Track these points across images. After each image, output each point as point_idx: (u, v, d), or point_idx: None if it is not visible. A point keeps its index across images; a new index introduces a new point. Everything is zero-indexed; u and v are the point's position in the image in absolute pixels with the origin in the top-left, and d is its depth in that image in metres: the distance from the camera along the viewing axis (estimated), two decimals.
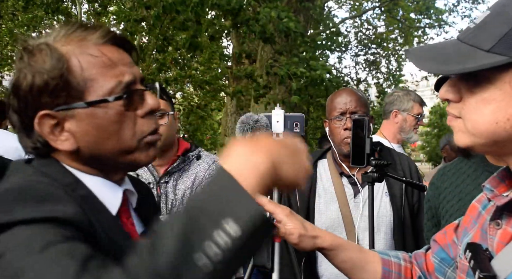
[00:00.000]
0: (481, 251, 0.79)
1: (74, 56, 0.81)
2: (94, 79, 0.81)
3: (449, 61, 0.73)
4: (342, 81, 14.58)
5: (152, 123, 0.88)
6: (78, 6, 12.41)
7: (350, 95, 1.99)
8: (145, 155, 0.87)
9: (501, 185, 0.84)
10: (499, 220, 0.79)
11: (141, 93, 0.87)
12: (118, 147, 0.84)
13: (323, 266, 1.97)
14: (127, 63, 0.86)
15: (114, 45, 0.86)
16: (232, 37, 9.33)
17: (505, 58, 0.68)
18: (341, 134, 1.95)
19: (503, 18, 0.70)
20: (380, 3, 13.96)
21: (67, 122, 0.82)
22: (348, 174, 2.01)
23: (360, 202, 1.95)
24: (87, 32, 0.84)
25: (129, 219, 0.90)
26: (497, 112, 0.71)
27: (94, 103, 0.81)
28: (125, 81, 0.83)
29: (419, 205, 1.99)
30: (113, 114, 0.82)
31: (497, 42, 0.69)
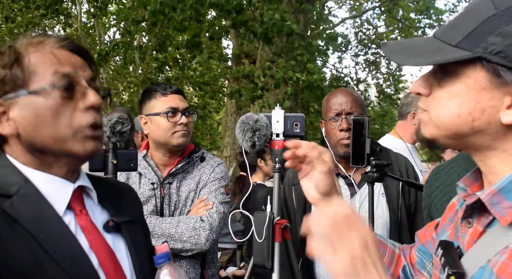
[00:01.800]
0: (452, 249, 0.81)
1: (27, 54, 0.92)
2: (39, 72, 0.91)
3: (419, 54, 0.78)
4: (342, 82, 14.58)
5: (91, 117, 0.94)
6: (78, 6, 12.41)
7: (345, 96, 1.98)
8: (81, 146, 0.93)
9: (474, 184, 0.85)
10: (470, 219, 0.81)
11: (84, 89, 0.95)
12: (53, 135, 0.91)
13: (321, 267, 1.97)
14: (76, 64, 0.96)
15: (70, 50, 0.96)
16: (232, 38, 9.34)
17: (469, 53, 0.72)
18: (337, 135, 1.94)
19: (471, 17, 0.75)
20: (380, 3, 13.97)
21: (11, 110, 0.91)
22: (344, 175, 2.00)
23: (357, 203, 1.95)
24: (46, 37, 0.96)
25: (82, 211, 0.96)
26: (460, 106, 0.75)
27: (34, 92, 0.90)
28: (63, 71, 0.92)
29: (416, 206, 1.99)
30: (51, 102, 0.90)
31: (464, 38, 0.74)
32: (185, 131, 1.99)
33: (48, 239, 0.86)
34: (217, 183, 2.02)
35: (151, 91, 2.04)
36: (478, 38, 0.72)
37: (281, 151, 1.71)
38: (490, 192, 0.75)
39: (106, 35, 13.96)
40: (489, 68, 0.72)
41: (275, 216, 1.69)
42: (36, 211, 0.88)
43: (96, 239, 0.94)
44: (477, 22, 0.73)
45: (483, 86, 0.73)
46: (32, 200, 0.89)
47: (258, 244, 1.65)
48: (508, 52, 0.70)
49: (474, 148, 0.79)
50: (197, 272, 1.96)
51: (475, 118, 0.74)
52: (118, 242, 1.00)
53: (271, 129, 1.71)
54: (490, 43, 0.71)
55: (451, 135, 0.78)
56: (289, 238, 1.73)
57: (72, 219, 0.93)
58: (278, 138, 1.71)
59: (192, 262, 1.95)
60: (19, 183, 0.90)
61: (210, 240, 1.88)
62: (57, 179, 0.94)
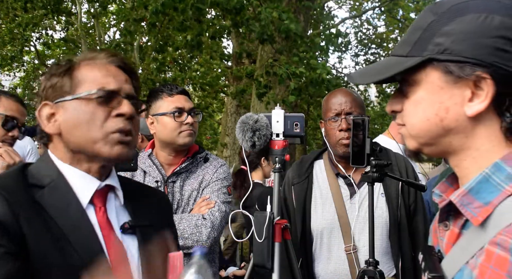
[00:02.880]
0: (433, 253, 0.83)
1: (79, 65, 1.07)
2: (85, 81, 1.05)
3: (378, 72, 0.83)
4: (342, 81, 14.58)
5: (121, 123, 1.05)
6: (78, 6, 12.41)
7: (345, 96, 1.97)
8: (108, 149, 1.04)
9: (449, 189, 0.87)
10: (447, 222, 0.83)
11: (120, 99, 1.07)
12: (86, 135, 1.03)
13: (320, 267, 1.98)
14: (119, 78, 1.09)
15: (117, 66, 1.11)
16: (232, 37, 9.34)
17: (419, 58, 0.77)
18: (336, 135, 1.94)
19: (416, 28, 0.81)
20: (380, 3, 13.96)
21: (58, 113, 1.05)
22: (344, 174, 2.00)
23: (356, 203, 1.95)
24: (98, 53, 1.11)
25: (101, 208, 1.06)
26: (426, 110, 0.79)
27: (77, 97, 1.04)
28: (108, 88, 1.05)
29: (415, 206, 1.99)
30: (89, 107, 1.03)
31: (412, 46, 0.79)
32: (191, 131, 2.02)
33: (70, 228, 0.97)
34: (220, 183, 2.05)
35: (157, 92, 2.08)
36: (424, 42, 0.77)
37: (281, 151, 1.71)
38: (460, 193, 0.77)
39: (106, 35, 13.97)
40: (441, 68, 0.76)
41: (275, 216, 1.69)
42: (63, 202, 1.00)
43: (109, 236, 1.02)
44: (421, 30, 0.79)
45: (441, 86, 0.77)
46: (61, 192, 1.01)
47: (258, 244, 1.65)
48: (454, 48, 0.74)
49: (451, 151, 0.81)
50: None
51: (442, 118, 0.77)
52: (132, 243, 1.07)
53: (271, 129, 1.71)
54: (435, 44, 0.76)
55: (427, 140, 0.81)
56: (289, 238, 1.73)
57: (92, 214, 1.03)
58: (278, 138, 1.72)
59: None
60: (52, 175, 1.03)
61: (211, 238, 1.90)
62: (86, 175, 1.06)
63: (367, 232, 1.85)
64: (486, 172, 0.76)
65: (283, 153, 1.71)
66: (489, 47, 0.72)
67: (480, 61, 0.72)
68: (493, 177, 0.75)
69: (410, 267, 1.94)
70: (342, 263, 1.92)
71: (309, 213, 2.00)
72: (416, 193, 1.99)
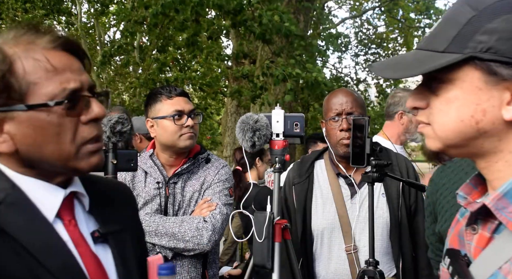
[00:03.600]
0: (460, 257, 0.80)
1: (19, 58, 0.82)
2: (37, 83, 0.82)
3: (408, 67, 0.77)
4: (342, 82, 14.57)
5: (95, 130, 0.89)
6: (78, 6, 12.42)
7: (346, 96, 1.97)
8: (86, 163, 0.88)
9: (474, 191, 0.84)
10: (475, 225, 0.80)
11: (87, 100, 0.88)
12: (57, 153, 0.85)
13: (320, 267, 1.98)
14: (75, 69, 0.87)
15: (65, 50, 0.87)
16: (232, 37, 9.34)
17: (459, 55, 0.72)
18: (337, 135, 1.94)
19: (453, 22, 0.75)
20: (380, 3, 13.97)
21: (7, 124, 0.82)
22: (345, 174, 2.00)
23: (357, 203, 1.94)
24: (36, 35, 0.85)
25: (71, 221, 0.89)
26: (460, 110, 0.74)
27: (35, 106, 0.82)
28: (70, 88, 0.84)
29: (416, 206, 1.99)
30: (54, 118, 0.83)
31: (451, 42, 0.74)
32: (191, 133, 2.00)
33: (40, 250, 0.81)
34: (221, 184, 2.03)
35: (156, 94, 2.05)
36: (465, 39, 0.72)
37: (281, 151, 1.71)
38: (495, 197, 0.74)
39: (106, 35, 13.97)
40: (482, 67, 0.71)
41: (275, 216, 1.69)
42: (26, 220, 0.82)
43: (85, 252, 0.89)
44: (460, 25, 0.73)
45: (479, 86, 0.72)
46: (21, 208, 0.83)
47: (258, 244, 1.65)
48: (499, 47, 0.70)
49: (481, 153, 0.77)
50: (199, 272, 1.97)
51: (478, 120, 0.73)
52: (105, 253, 0.94)
53: (271, 129, 1.71)
54: (478, 41, 0.71)
55: (458, 142, 0.76)
56: (289, 238, 1.73)
57: (61, 229, 0.87)
58: (278, 138, 1.72)
59: (193, 261, 1.96)
60: (6, 189, 0.83)
61: (212, 241, 1.89)
62: (47, 185, 0.88)
63: (368, 232, 1.85)
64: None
65: (283, 153, 1.72)
66: None
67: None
68: None
69: (410, 267, 1.95)
70: (343, 263, 1.92)
71: (309, 213, 2.00)
72: (416, 193, 1.99)
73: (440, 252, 1.71)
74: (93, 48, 14.04)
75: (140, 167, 2.04)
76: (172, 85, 2.12)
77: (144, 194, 1.99)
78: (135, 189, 2.03)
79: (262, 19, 5.57)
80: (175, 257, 1.94)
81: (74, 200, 0.93)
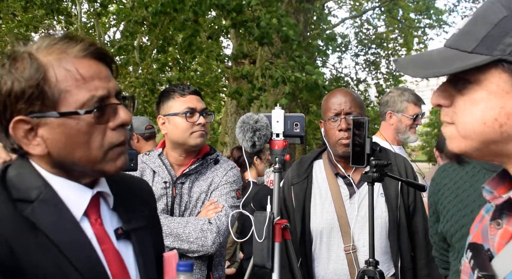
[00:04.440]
0: (482, 251, 0.79)
1: (52, 67, 0.87)
2: (68, 91, 0.87)
3: (435, 65, 0.76)
4: (343, 82, 14.57)
5: (121, 135, 0.94)
6: (78, 6, 12.41)
7: (344, 96, 1.97)
8: (113, 166, 0.94)
9: (500, 186, 0.83)
10: (499, 220, 0.79)
11: (114, 106, 0.93)
12: (86, 157, 0.91)
13: (320, 267, 1.98)
14: (103, 77, 0.92)
15: (94, 58, 0.92)
16: (232, 38, 9.34)
17: (488, 57, 0.70)
18: (336, 135, 1.94)
19: (483, 21, 0.73)
20: (380, 3, 13.97)
21: (40, 129, 0.89)
22: (343, 174, 2.00)
23: (356, 203, 1.95)
24: (68, 44, 0.90)
25: (97, 220, 0.95)
26: (485, 112, 0.73)
27: (66, 114, 0.88)
28: (98, 96, 0.89)
29: (414, 206, 1.99)
30: (83, 125, 0.89)
31: (479, 42, 0.72)
32: (202, 131, 2.00)
33: (68, 247, 0.86)
34: (229, 186, 2.03)
35: (169, 92, 2.06)
36: (494, 41, 0.70)
37: (281, 151, 1.71)
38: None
39: (106, 35, 13.97)
40: (510, 70, 0.70)
41: (275, 216, 1.69)
42: (55, 217, 0.88)
43: (108, 249, 0.94)
44: (490, 26, 0.71)
45: (506, 90, 0.71)
46: (52, 206, 0.89)
47: (258, 244, 1.65)
48: None
49: (503, 155, 0.77)
50: (203, 274, 1.96)
51: (502, 124, 0.72)
52: (127, 250, 0.99)
53: (271, 129, 1.71)
54: (508, 44, 0.69)
55: (480, 144, 0.75)
56: (289, 238, 1.73)
57: (87, 226, 0.93)
58: (278, 138, 1.72)
59: (198, 263, 1.95)
60: (40, 187, 0.90)
61: (216, 243, 1.88)
62: (76, 185, 0.94)
63: (367, 232, 1.86)
64: None
65: (283, 153, 1.71)
66: None
67: None
68: None
69: (409, 267, 1.95)
70: (342, 263, 1.92)
71: (308, 213, 2.00)
72: (415, 193, 2.00)
73: (444, 251, 1.71)
74: None
75: (148, 166, 2.04)
76: (185, 84, 2.14)
77: None
78: None
79: (260, 21, 5.57)
80: (180, 258, 1.92)
81: (100, 199, 0.99)
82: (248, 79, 6.49)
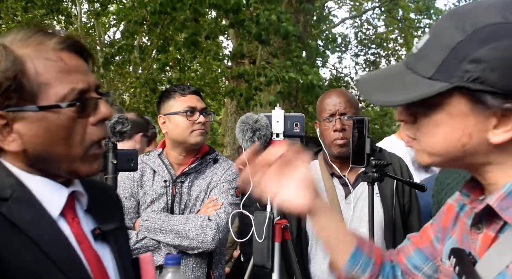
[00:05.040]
0: (465, 256, 0.80)
1: (30, 59, 0.83)
2: (48, 84, 0.83)
3: (396, 91, 0.77)
4: (343, 82, 14.57)
5: (102, 131, 0.91)
6: (78, 6, 12.41)
7: (339, 96, 1.98)
8: (87, 167, 0.90)
9: (475, 189, 0.85)
10: (479, 224, 0.80)
11: (95, 101, 0.89)
12: (65, 154, 0.86)
13: (316, 266, 1.98)
14: (83, 70, 0.88)
15: (72, 52, 0.88)
16: (232, 37, 9.34)
17: (446, 84, 0.71)
18: (331, 135, 1.94)
19: (440, 44, 0.73)
20: (380, 3, 13.97)
21: (17, 124, 0.83)
22: (339, 175, 2.00)
23: (351, 203, 1.95)
24: (44, 37, 0.86)
25: (74, 219, 0.91)
26: (448, 133, 0.75)
27: (46, 107, 0.83)
28: (79, 88, 0.85)
29: (410, 205, 1.99)
30: (64, 120, 0.84)
31: (437, 69, 0.72)
32: (202, 130, 2.03)
33: (48, 244, 0.82)
34: (228, 184, 2.05)
35: (170, 92, 2.10)
36: (452, 67, 0.71)
37: None
38: (499, 197, 0.74)
39: (106, 35, 13.98)
40: (469, 95, 0.71)
41: (275, 216, 1.69)
42: (32, 215, 0.84)
43: (87, 249, 0.90)
44: (447, 50, 0.72)
45: (466, 113, 0.73)
46: (27, 205, 0.84)
47: (258, 244, 1.65)
48: (486, 77, 0.69)
49: (470, 167, 0.79)
50: (203, 271, 1.98)
51: (464, 143, 0.75)
52: (104, 251, 0.95)
53: (271, 129, 1.71)
54: (465, 70, 0.70)
55: (445, 159, 0.79)
56: (289, 238, 1.73)
57: (65, 226, 0.89)
58: (278, 138, 1.72)
59: (198, 261, 1.97)
60: (13, 186, 0.84)
61: (216, 240, 1.90)
62: (52, 183, 0.89)
63: (362, 232, 1.86)
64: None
65: None
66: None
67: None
68: None
69: None
70: None
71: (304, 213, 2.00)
72: (410, 193, 2.00)
73: None
74: (93, 48, 14.05)
75: (148, 165, 2.07)
76: (185, 85, 2.18)
77: (152, 192, 2.01)
78: (143, 187, 2.04)
79: (259, 18, 5.57)
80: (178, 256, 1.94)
81: (74, 199, 0.94)
82: (245, 78, 6.49)
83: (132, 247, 1.91)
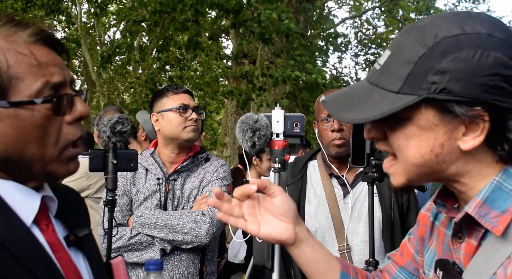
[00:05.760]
0: (451, 267, 0.80)
1: (1, 51, 0.75)
2: (21, 78, 0.75)
3: (366, 108, 0.77)
4: (343, 82, 14.57)
5: (78, 130, 0.83)
6: (78, 6, 12.42)
7: None
8: (65, 168, 0.83)
9: (449, 198, 0.86)
10: (460, 234, 0.81)
11: (71, 97, 0.81)
12: (38, 155, 0.78)
13: None
14: (58, 64, 0.81)
15: (46, 45, 0.80)
16: (232, 37, 9.34)
17: (414, 97, 0.73)
18: (329, 135, 1.95)
19: (404, 58, 0.74)
20: (380, 3, 13.98)
21: None
22: (337, 175, 2.01)
23: (350, 203, 1.95)
24: (17, 28, 0.78)
25: (48, 225, 0.84)
26: (419, 146, 0.76)
27: (19, 103, 0.75)
28: (53, 82, 0.78)
29: (408, 205, 1.99)
30: (38, 117, 0.76)
31: (404, 82, 0.74)
32: (195, 126, 2.08)
33: (24, 254, 0.75)
34: (220, 182, 2.10)
35: (163, 91, 2.17)
36: (418, 80, 0.72)
37: (281, 151, 1.71)
38: (476, 204, 0.75)
39: (106, 35, 13.98)
40: (437, 106, 0.73)
41: None
42: (5, 223, 0.76)
43: (63, 257, 0.83)
44: (411, 64, 0.73)
45: (435, 123, 0.74)
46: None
47: (258, 244, 1.65)
48: (451, 87, 0.71)
49: (444, 178, 0.80)
50: (197, 267, 2.02)
51: (437, 153, 0.76)
52: (78, 258, 0.89)
53: (271, 129, 1.71)
54: (431, 82, 0.72)
55: (421, 172, 0.79)
56: None
57: (38, 233, 0.81)
58: (278, 138, 1.72)
59: (191, 256, 2.00)
60: None
61: (210, 234, 1.94)
62: (23, 188, 0.80)
63: (360, 232, 1.86)
64: (497, 180, 0.75)
65: (283, 153, 1.72)
66: (486, 85, 0.70)
67: (477, 99, 0.71)
68: (505, 184, 0.74)
69: None
70: None
71: (303, 213, 2.00)
72: (408, 193, 2.00)
73: None
74: (93, 48, 14.05)
75: (141, 164, 2.09)
76: (178, 85, 2.28)
77: (145, 190, 2.05)
78: (135, 185, 2.07)
79: (260, 17, 5.58)
80: (173, 251, 1.98)
81: (46, 204, 0.87)
82: (248, 79, 6.50)
83: (126, 243, 1.95)
